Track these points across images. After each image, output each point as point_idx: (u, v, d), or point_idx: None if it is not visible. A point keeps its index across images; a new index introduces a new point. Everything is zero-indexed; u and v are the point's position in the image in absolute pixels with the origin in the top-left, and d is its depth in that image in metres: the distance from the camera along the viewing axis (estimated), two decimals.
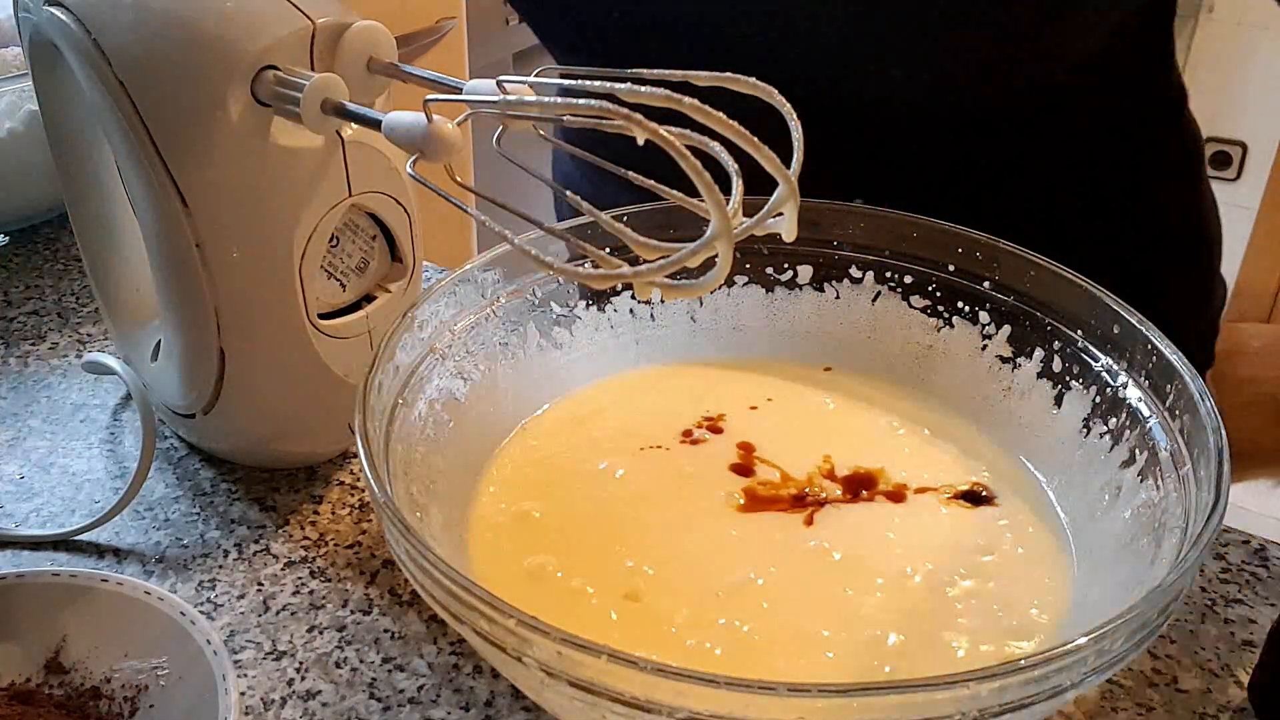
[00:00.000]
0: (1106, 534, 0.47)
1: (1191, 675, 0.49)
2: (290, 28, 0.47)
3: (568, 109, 0.37)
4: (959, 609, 0.45)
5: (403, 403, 0.48)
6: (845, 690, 0.33)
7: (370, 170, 0.52)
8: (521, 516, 0.50)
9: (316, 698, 0.48)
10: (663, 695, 0.34)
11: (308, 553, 0.55)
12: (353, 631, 0.51)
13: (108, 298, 0.64)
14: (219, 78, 0.47)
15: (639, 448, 0.54)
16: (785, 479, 0.52)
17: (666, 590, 0.46)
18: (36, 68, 0.58)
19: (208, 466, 0.61)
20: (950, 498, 0.51)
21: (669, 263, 0.36)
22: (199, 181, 0.49)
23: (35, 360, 0.70)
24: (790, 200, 0.39)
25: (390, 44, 0.49)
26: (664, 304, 0.59)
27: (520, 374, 0.56)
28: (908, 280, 0.57)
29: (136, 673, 0.46)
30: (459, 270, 0.52)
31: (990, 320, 0.55)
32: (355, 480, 0.60)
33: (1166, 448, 0.46)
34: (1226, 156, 2.29)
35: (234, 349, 0.53)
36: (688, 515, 0.50)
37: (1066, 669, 0.35)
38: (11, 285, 0.78)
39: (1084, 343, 0.52)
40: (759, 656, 0.43)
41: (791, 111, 0.41)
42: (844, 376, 0.59)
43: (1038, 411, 0.53)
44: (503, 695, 0.48)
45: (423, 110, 0.41)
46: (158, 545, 0.56)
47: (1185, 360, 0.46)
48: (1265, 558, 0.55)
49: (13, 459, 0.61)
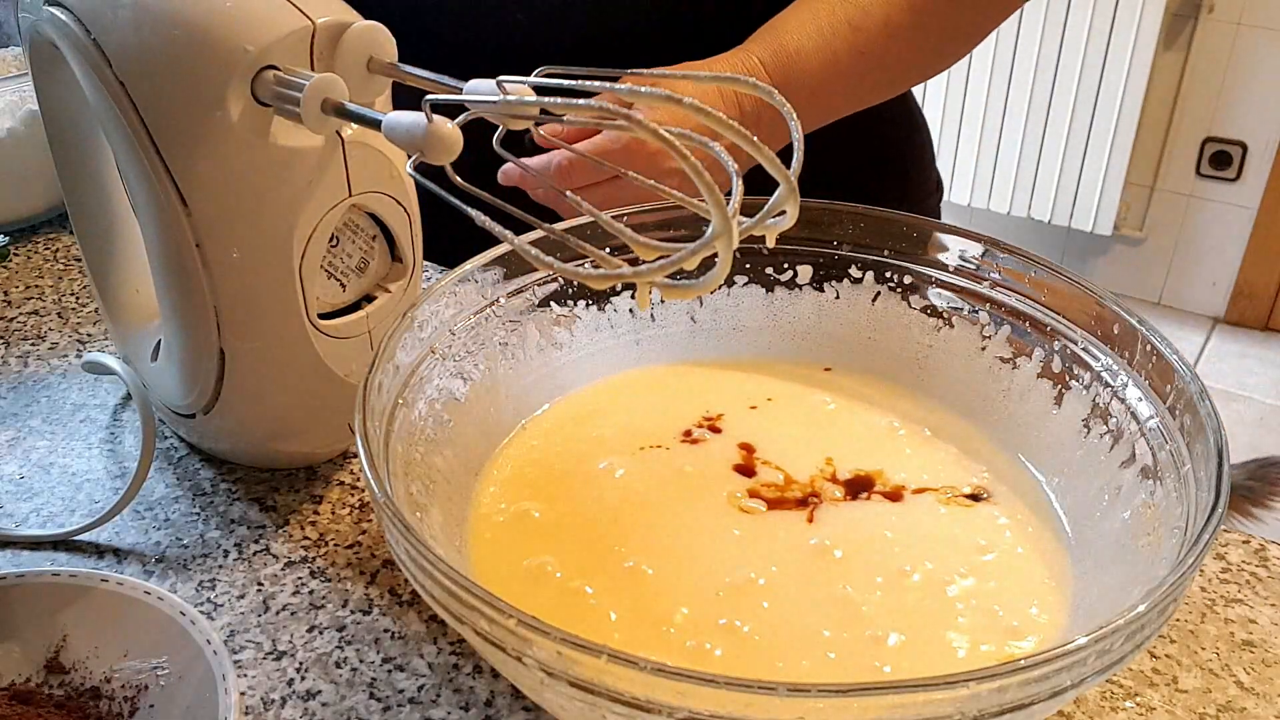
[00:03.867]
0: (1106, 534, 0.47)
1: (1191, 675, 0.49)
2: (290, 28, 0.47)
3: (568, 109, 0.37)
4: (959, 609, 0.46)
5: (403, 403, 0.48)
6: (845, 690, 0.33)
7: (370, 170, 0.52)
8: (521, 516, 0.50)
9: (316, 698, 0.48)
10: (663, 695, 0.34)
11: (308, 553, 0.55)
12: (353, 631, 0.51)
13: (108, 298, 0.64)
14: (219, 78, 0.47)
15: (639, 448, 0.54)
16: (789, 481, 0.52)
17: (667, 590, 0.46)
18: (36, 68, 0.58)
19: (208, 466, 0.61)
20: (950, 497, 0.51)
21: (669, 263, 0.36)
22: (199, 182, 0.49)
23: (35, 360, 0.70)
24: (790, 200, 0.39)
25: (390, 44, 0.49)
26: (664, 304, 0.59)
27: (520, 374, 0.56)
28: (908, 280, 0.57)
29: (136, 673, 0.46)
30: (459, 270, 0.52)
31: (990, 320, 0.55)
32: (355, 480, 0.60)
33: (1166, 448, 0.46)
34: (1226, 156, 2.29)
35: (234, 349, 0.53)
36: (688, 515, 0.50)
37: (1066, 669, 0.35)
38: (11, 285, 0.78)
39: (1084, 343, 0.52)
40: (759, 656, 0.43)
41: (792, 111, 0.41)
42: (844, 376, 0.59)
43: (1038, 411, 0.53)
44: (503, 695, 0.48)
45: (423, 110, 0.41)
46: (158, 545, 0.56)
47: (1185, 360, 0.46)
48: (1265, 558, 0.55)
49: (13, 459, 0.61)
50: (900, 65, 0.74)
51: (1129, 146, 2.27)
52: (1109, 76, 2.22)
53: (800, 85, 0.68)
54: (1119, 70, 2.20)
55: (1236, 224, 2.35)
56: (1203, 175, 2.33)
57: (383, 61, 0.49)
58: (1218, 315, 2.45)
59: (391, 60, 0.49)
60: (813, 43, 0.69)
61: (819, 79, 0.69)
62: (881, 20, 0.70)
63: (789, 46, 0.69)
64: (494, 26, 0.77)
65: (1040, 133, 2.34)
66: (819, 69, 0.69)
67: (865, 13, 0.70)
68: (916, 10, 0.70)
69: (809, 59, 0.69)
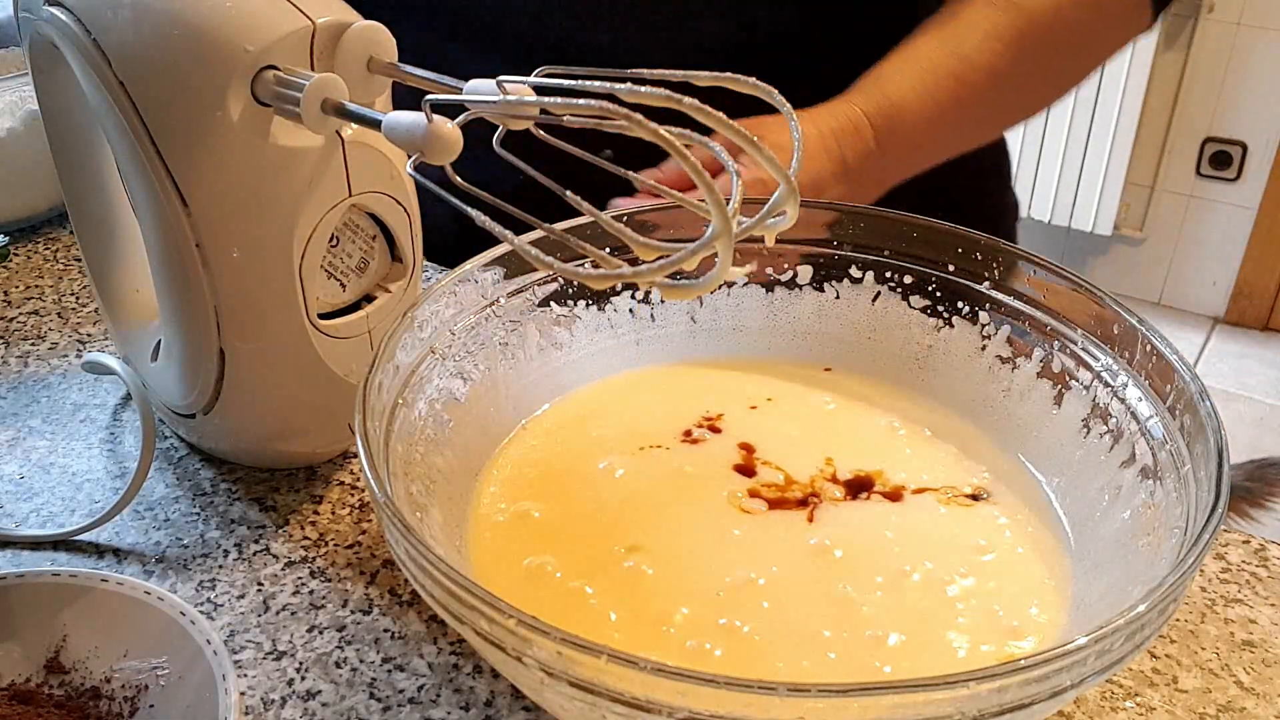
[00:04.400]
0: (1106, 534, 0.47)
1: (1191, 675, 0.49)
2: (290, 28, 0.47)
3: (568, 109, 0.37)
4: (959, 609, 0.46)
5: (403, 403, 0.48)
6: (845, 690, 0.33)
7: (370, 170, 0.52)
8: (521, 516, 0.50)
9: (316, 698, 0.48)
10: (663, 695, 0.34)
11: (308, 553, 0.55)
12: (353, 631, 0.51)
13: (108, 298, 0.64)
14: (219, 78, 0.47)
15: (639, 447, 0.54)
16: (789, 481, 0.52)
17: (667, 590, 0.46)
18: (36, 68, 0.58)
19: (208, 466, 0.61)
20: (950, 497, 0.51)
21: (669, 263, 0.36)
22: (199, 181, 0.49)
23: (35, 360, 0.70)
24: (790, 200, 0.39)
25: (390, 44, 0.49)
26: (664, 304, 0.59)
27: (520, 374, 0.56)
28: (908, 280, 0.57)
29: (136, 673, 0.46)
30: (459, 270, 0.52)
31: (990, 320, 0.55)
32: (355, 480, 0.60)
33: (1166, 448, 0.46)
34: (1226, 156, 2.29)
35: (234, 349, 0.53)
36: (688, 515, 0.50)
37: (1066, 669, 0.35)
38: (11, 285, 0.78)
39: (1084, 343, 0.52)
40: (759, 656, 0.43)
41: (792, 111, 0.41)
42: (844, 376, 0.59)
43: (1037, 412, 0.53)
44: (503, 695, 0.48)
45: (423, 110, 0.41)
46: (158, 545, 0.56)
47: (1185, 360, 0.46)
48: (1265, 558, 0.55)
49: (13, 459, 0.61)
50: (1001, 113, 0.74)
51: (1129, 146, 2.28)
52: (1109, 76, 2.22)
53: (903, 136, 0.68)
54: (1119, 70, 2.21)
55: (1236, 224, 2.35)
56: (1203, 175, 2.34)
57: (383, 61, 0.49)
58: (1218, 315, 2.45)
59: (391, 60, 0.49)
60: (915, 94, 0.69)
61: (922, 130, 0.69)
62: (985, 71, 0.69)
63: (892, 97, 0.69)
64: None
65: (1040, 133, 2.34)
66: (923, 121, 0.69)
67: (969, 64, 0.69)
68: (1018, 60, 0.70)
69: (912, 110, 0.69)
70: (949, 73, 0.69)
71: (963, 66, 0.69)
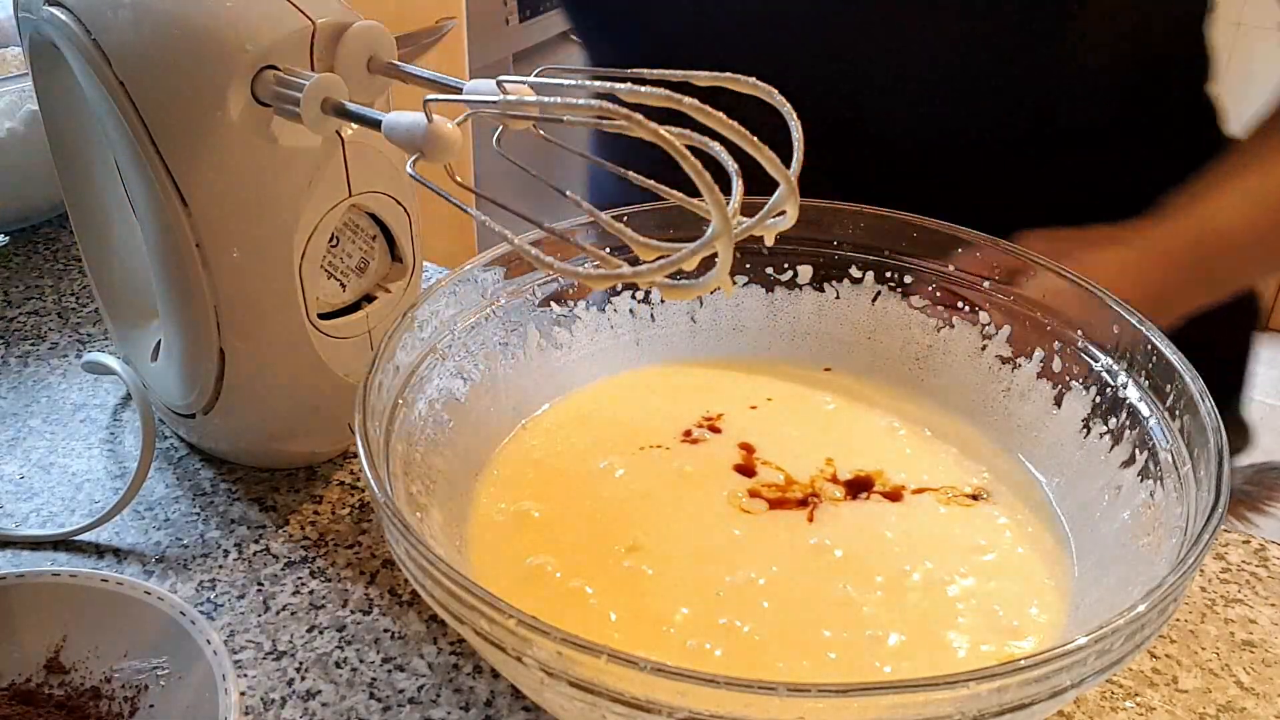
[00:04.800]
0: (1106, 534, 0.47)
1: (1191, 675, 0.49)
2: (290, 28, 0.47)
3: (568, 109, 0.37)
4: (959, 609, 0.46)
5: (403, 403, 0.48)
6: (845, 690, 0.33)
7: (370, 170, 0.52)
8: (521, 516, 0.50)
9: (316, 698, 0.48)
10: (663, 695, 0.34)
11: (308, 553, 0.55)
12: (353, 631, 0.51)
13: (108, 298, 0.64)
14: (219, 78, 0.47)
15: (639, 447, 0.54)
16: (789, 481, 0.52)
17: (667, 590, 0.46)
18: (36, 68, 0.58)
19: (208, 466, 0.61)
20: (950, 498, 0.51)
21: (669, 262, 0.36)
22: (199, 181, 0.49)
23: (35, 360, 0.70)
24: (790, 200, 0.39)
25: (390, 44, 0.49)
26: (664, 304, 0.59)
27: (520, 374, 0.56)
28: (908, 280, 0.57)
29: (136, 673, 0.46)
30: (459, 270, 0.52)
31: (990, 320, 0.55)
32: (355, 480, 0.60)
33: (1166, 448, 0.46)
34: None
35: (234, 349, 0.53)
36: (688, 515, 0.50)
37: (1066, 669, 0.35)
38: (11, 285, 0.78)
39: (1084, 343, 0.52)
40: (759, 656, 0.43)
41: (791, 111, 0.41)
42: (844, 376, 0.59)
43: (1037, 412, 0.53)
44: (503, 695, 0.48)
45: (423, 110, 0.41)
46: (158, 545, 0.56)
47: (1185, 360, 0.46)
48: (1265, 558, 0.55)
49: (13, 459, 0.61)
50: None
51: None
52: None
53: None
54: None
55: None
56: None
57: (383, 61, 0.49)
58: None
59: (391, 60, 0.49)
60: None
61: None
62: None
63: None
64: None
65: None
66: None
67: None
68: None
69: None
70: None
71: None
